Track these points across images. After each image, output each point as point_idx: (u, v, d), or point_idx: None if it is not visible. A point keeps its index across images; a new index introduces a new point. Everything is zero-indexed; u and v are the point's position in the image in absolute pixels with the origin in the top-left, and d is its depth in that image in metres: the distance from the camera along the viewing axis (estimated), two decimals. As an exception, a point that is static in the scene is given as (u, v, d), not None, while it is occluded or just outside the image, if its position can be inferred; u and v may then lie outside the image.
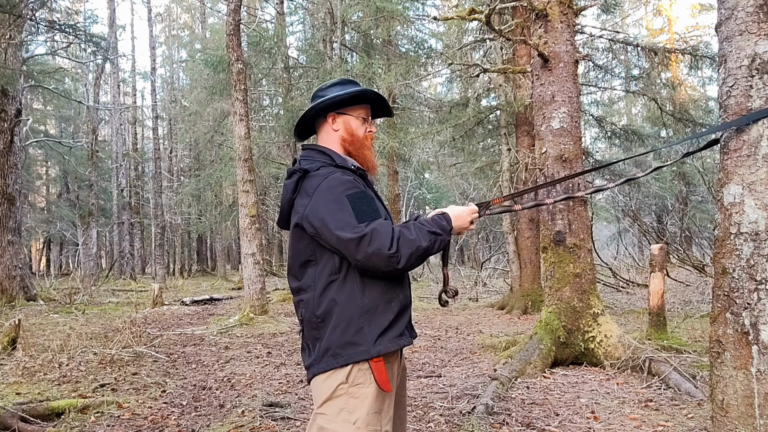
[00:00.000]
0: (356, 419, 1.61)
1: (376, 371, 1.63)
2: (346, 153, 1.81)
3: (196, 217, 25.76)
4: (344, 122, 1.81)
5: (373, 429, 1.63)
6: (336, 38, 11.70)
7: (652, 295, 5.73)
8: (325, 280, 1.67)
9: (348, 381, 1.64)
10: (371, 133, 1.86)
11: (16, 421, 3.58)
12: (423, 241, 1.62)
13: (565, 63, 5.40)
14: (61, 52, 16.05)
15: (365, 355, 1.63)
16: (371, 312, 1.65)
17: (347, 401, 1.63)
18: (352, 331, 1.64)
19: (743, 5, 2.00)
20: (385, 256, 1.56)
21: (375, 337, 1.64)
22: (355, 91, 1.79)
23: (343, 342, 1.64)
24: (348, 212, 1.60)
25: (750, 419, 1.94)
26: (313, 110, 1.81)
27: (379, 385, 1.63)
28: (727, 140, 2.03)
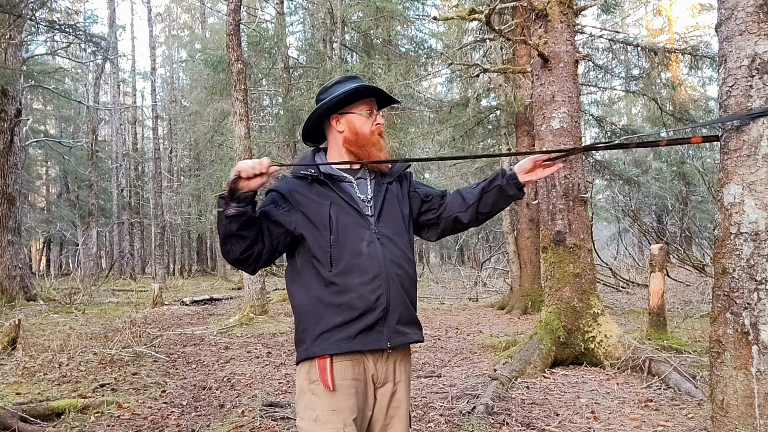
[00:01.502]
0: (316, 416, 1.62)
1: (319, 368, 1.63)
2: (348, 153, 1.79)
3: (196, 217, 25.76)
4: (347, 122, 1.78)
5: (332, 427, 1.59)
6: (336, 38, 11.70)
7: (652, 295, 5.73)
8: (288, 277, 1.75)
9: (307, 378, 1.66)
10: (379, 126, 1.82)
11: (16, 421, 3.58)
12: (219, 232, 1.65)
13: (565, 63, 5.40)
14: (61, 52, 16.06)
15: (305, 354, 1.66)
16: (316, 311, 1.65)
17: (309, 398, 1.65)
18: (300, 329, 1.69)
19: (743, 5, 2.00)
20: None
21: (315, 336, 1.64)
22: (349, 90, 1.76)
23: (296, 339, 1.72)
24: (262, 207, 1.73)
25: (750, 419, 1.94)
26: (314, 116, 1.81)
27: (321, 381, 1.62)
28: (727, 140, 2.03)
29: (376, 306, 1.64)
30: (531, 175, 1.86)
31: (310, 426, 1.62)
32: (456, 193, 1.91)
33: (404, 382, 1.76)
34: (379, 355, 1.69)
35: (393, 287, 1.68)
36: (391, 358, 1.72)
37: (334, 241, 1.66)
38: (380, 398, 1.72)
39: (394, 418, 1.74)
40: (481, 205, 1.85)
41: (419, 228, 1.91)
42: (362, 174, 1.82)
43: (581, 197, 5.42)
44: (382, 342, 1.66)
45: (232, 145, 12.67)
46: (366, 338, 1.64)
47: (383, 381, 1.71)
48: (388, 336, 1.66)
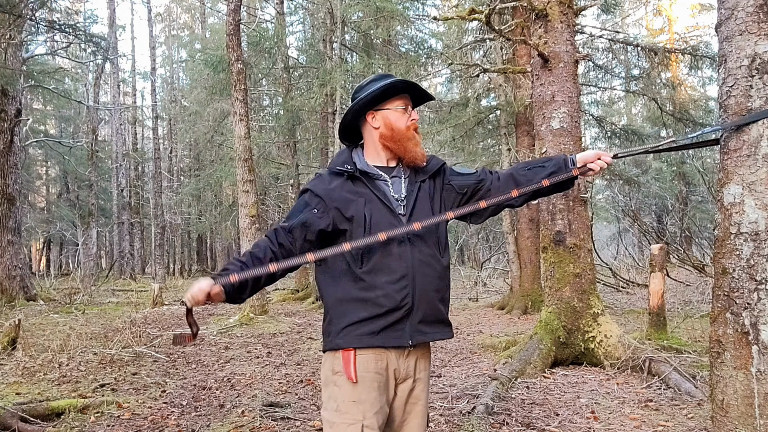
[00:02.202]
0: (337, 406, 1.66)
1: (344, 360, 1.66)
2: (385, 149, 1.81)
3: (196, 217, 25.75)
4: (383, 117, 1.80)
5: (351, 418, 1.62)
6: (336, 38, 11.69)
7: (652, 295, 5.73)
8: (319, 268, 1.78)
9: (331, 370, 1.70)
10: (414, 122, 1.84)
11: (16, 421, 3.58)
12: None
13: (565, 63, 5.40)
14: (61, 52, 16.05)
15: (330, 345, 1.70)
16: (342, 304, 1.69)
17: (332, 389, 1.69)
18: (327, 320, 1.74)
19: (743, 5, 2.00)
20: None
21: (340, 329, 1.68)
22: (385, 85, 1.78)
23: (323, 329, 1.76)
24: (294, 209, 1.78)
25: (750, 419, 1.94)
26: (351, 113, 1.82)
27: (345, 373, 1.65)
28: (727, 140, 2.03)
29: (401, 305, 1.67)
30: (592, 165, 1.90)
31: (332, 416, 1.66)
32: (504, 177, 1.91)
33: (423, 380, 1.79)
34: (401, 352, 1.72)
35: (419, 287, 1.70)
36: (412, 355, 1.75)
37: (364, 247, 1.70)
38: (400, 394, 1.75)
39: (411, 414, 1.77)
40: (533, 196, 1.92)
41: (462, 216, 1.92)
42: (397, 172, 1.83)
43: (581, 197, 5.42)
44: (404, 340, 1.69)
45: (232, 145, 12.66)
46: (389, 335, 1.68)
47: (404, 377, 1.74)
48: (410, 334, 1.69)
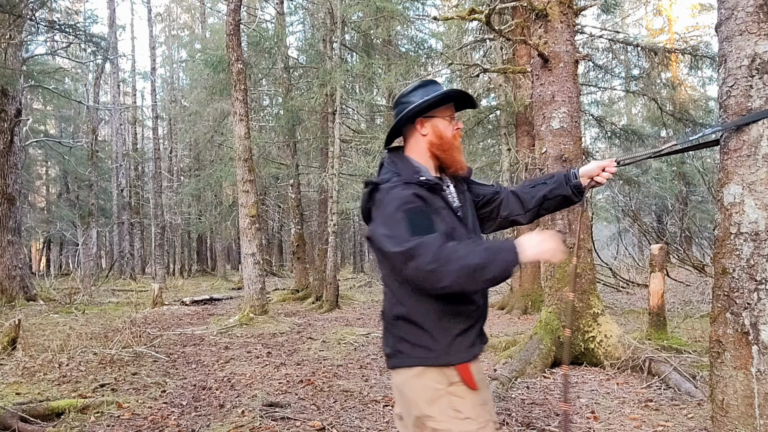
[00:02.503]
0: (466, 416, 1.64)
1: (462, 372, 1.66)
2: (433, 157, 1.81)
3: (196, 217, 25.74)
4: (432, 126, 1.81)
5: (484, 420, 1.65)
6: (336, 38, 11.69)
7: (652, 295, 5.73)
8: (395, 284, 1.70)
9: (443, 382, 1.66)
10: (459, 130, 1.86)
11: (16, 421, 3.58)
12: (473, 258, 1.51)
13: (565, 63, 5.40)
14: (61, 52, 16.04)
15: (436, 362, 1.65)
16: (441, 319, 1.65)
17: (451, 400, 1.64)
18: (425, 337, 1.66)
19: (743, 5, 2.00)
20: (425, 272, 1.51)
21: (447, 344, 1.65)
22: (441, 94, 1.79)
23: (414, 344, 1.67)
24: (402, 227, 1.58)
25: (750, 419, 1.94)
26: (404, 120, 1.82)
27: (466, 383, 1.66)
28: (727, 140, 2.03)
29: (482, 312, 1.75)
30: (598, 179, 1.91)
31: (463, 425, 1.63)
32: (511, 194, 1.95)
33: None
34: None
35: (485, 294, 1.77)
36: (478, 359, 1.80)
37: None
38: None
39: None
40: (541, 210, 1.93)
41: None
42: (446, 181, 1.85)
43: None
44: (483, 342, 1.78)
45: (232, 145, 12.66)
46: (480, 342, 1.75)
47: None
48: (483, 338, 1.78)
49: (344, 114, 13.71)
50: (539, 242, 1.58)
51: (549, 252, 1.58)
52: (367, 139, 12.06)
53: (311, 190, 17.11)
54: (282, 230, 26.08)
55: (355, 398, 4.39)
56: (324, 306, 10.82)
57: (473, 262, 1.50)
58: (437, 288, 1.53)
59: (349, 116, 15.72)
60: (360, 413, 4.00)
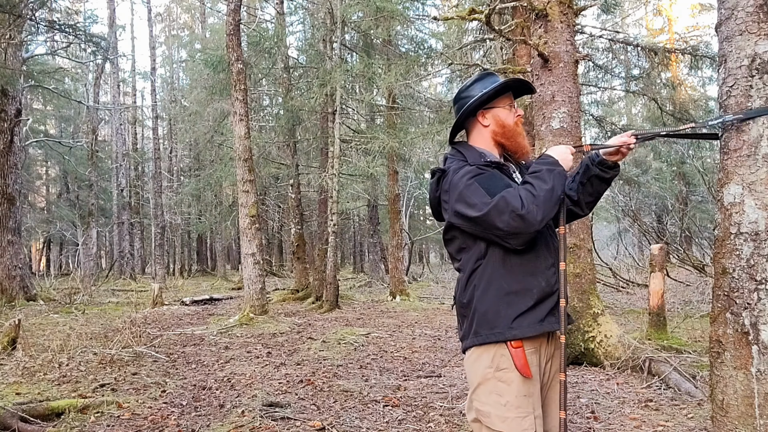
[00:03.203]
0: (506, 401, 1.70)
1: (515, 357, 1.70)
2: (497, 145, 1.90)
3: (196, 217, 25.75)
4: (494, 116, 1.89)
5: (524, 411, 1.69)
6: (336, 38, 11.68)
7: (652, 295, 5.73)
8: (472, 265, 1.79)
9: (493, 366, 1.73)
10: (520, 117, 1.92)
11: (16, 421, 3.58)
12: (544, 185, 1.69)
13: (565, 63, 5.40)
14: (61, 52, 16.04)
15: (500, 337, 1.71)
16: (510, 296, 1.73)
17: (496, 385, 1.72)
18: (491, 313, 1.74)
19: (743, 5, 2.00)
20: (521, 216, 1.63)
21: (511, 320, 1.71)
22: (499, 85, 1.87)
23: (483, 322, 1.75)
24: (480, 193, 1.70)
25: (750, 419, 1.94)
26: (465, 114, 1.90)
27: (519, 370, 1.69)
28: (727, 140, 2.03)
29: (554, 290, 1.79)
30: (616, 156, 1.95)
31: (501, 410, 1.70)
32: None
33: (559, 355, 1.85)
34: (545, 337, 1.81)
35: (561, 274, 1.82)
36: (552, 342, 1.84)
37: None
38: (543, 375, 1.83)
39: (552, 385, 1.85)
40: (585, 197, 1.96)
41: None
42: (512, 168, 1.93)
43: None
44: (558, 324, 1.78)
45: (232, 145, 12.66)
46: (550, 321, 1.76)
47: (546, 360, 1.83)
48: (559, 317, 1.79)
49: (344, 114, 13.71)
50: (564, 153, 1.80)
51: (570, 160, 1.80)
52: (367, 139, 12.05)
53: (311, 190, 17.11)
54: (282, 230, 26.07)
55: (355, 398, 4.39)
56: (324, 306, 10.82)
57: (548, 188, 1.68)
58: (535, 224, 1.65)
59: (349, 116, 15.71)
60: (360, 413, 4.00)
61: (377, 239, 19.19)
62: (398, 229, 13.94)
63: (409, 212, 23.88)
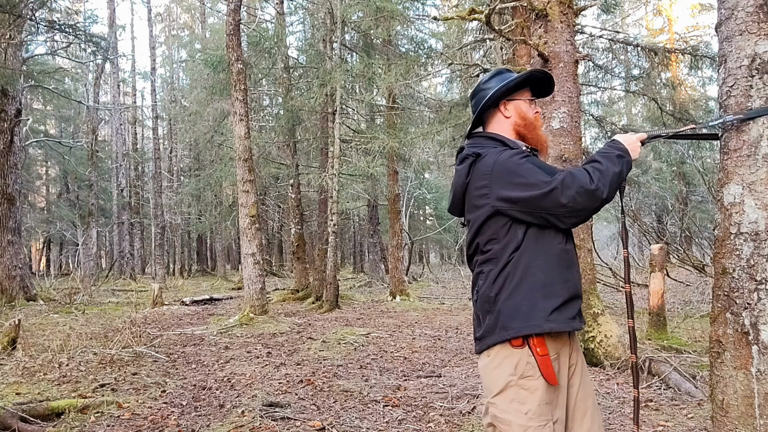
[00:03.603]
0: (528, 410, 1.66)
1: (542, 364, 1.66)
2: (518, 137, 1.87)
3: (196, 217, 25.74)
4: (515, 107, 1.88)
5: (545, 419, 1.66)
6: (336, 38, 11.68)
7: (652, 295, 5.73)
8: (506, 257, 1.72)
9: (517, 373, 1.68)
10: (538, 113, 1.93)
11: (16, 421, 3.58)
12: (614, 167, 1.69)
13: (565, 63, 5.40)
14: (61, 52, 16.04)
15: (536, 329, 1.66)
16: (547, 288, 1.69)
17: (518, 392, 1.67)
18: (526, 306, 1.68)
19: (743, 5, 2.00)
20: (590, 191, 1.63)
21: (548, 312, 1.67)
22: (524, 74, 1.87)
23: (516, 315, 1.68)
24: (537, 172, 1.68)
25: (750, 419, 1.94)
26: (489, 102, 1.87)
27: (545, 378, 1.66)
28: (727, 140, 2.03)
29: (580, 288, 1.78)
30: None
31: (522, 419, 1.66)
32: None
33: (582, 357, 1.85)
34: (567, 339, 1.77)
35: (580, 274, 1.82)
36: (573, 338, 1.82)
37: None
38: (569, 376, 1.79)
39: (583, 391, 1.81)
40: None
41: None
42: None
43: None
44: (582, 324, 1.77)
45: (232, 145, 12.65)
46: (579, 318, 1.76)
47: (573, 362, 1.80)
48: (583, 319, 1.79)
49: (344, 114, 13.71)
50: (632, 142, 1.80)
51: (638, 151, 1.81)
52: (367, 139, 12.05)
53: (311, 190, 17.11)
54: (282, 230, 26.07)
55: (355, 398, 4.39)
56: (324, 306, 10.82)
57: (616, 170, 1.69)
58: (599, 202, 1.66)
59: (349, 116, 15.71)
60: (360, 413, 4.00)
61: (377, 239, 19.19)
62: (398, 229, 13.94)
63: (409, 212, 23.88)
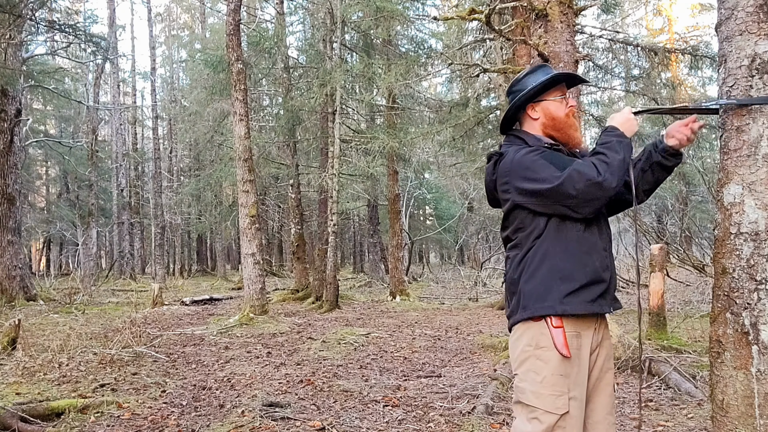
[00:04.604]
0: (542, 378, 1.73)
1: (555, 336, 1.73)
2: (548, 137, 1.92)
3: (196, 217, 25.74)
4: (543, 109, 1.92)
5: (559, 390, 1.71)
6: (336, 38, 11.68)
7: (652, 295, 5.73)
8: (529, 243, 1.82)
9: (533, 344, 1.76)
10: (572, 108, 1.94)
11: (16, 421, 3.58)
12: (617, 155, 1.74)
13: (565, 63, 5.40)
14: (61, 52, 16.04)
15: (550, 311, 1.74)
16: (563, 273, 1.76)
17: (534, 363, 1.75)
18: (543, 288, 1.77)
19: (743, 5, 2.00)
20: (597, 183, 1.69)
21: (563, 295, 1.74)
22: (546, 80, 1.89)
23: (533, 296, 1.77)
24: (548, 166, 1.75)
25: (750, 419, 1.94)
26: (513, 108, 1.95)
27: (557, 348, 1.71)
28: (727, 140, 2.03)
29: (607, 272, 1.81)
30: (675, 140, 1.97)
31: (536, 387, 1.73)
32: None
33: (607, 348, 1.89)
34: (594, 322, 1.82)
35: (611, 258, 1.86)
36: (601, 325, 1.85)
37: None
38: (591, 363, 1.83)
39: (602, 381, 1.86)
40: (644, 184, 1.98)
41: None
42: None
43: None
44: (607, 307, 1.81)
45: (232, 145, 12.66)
46: (601, 303, 1.79)
47: (595, 347, 1.83)
48: (610, 302, 1.82)
49: (344, 114, 13.71)
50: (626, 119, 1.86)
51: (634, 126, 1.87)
52: (367, 139, 12.05)
53: (311, 190, 17.11)
54: (282, 230, 26.07)
55: (355, 398, 4.39)
56: (324, 306, 10.82)
57: (620, 158, 1.75)
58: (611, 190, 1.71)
59: (349, 116, 15.71)
60: (360, 413, 4.00)
61: (377, 239, 19.19)
62: (398, 229, 13.94)
63: (409, 212, 23.89)
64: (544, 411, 1.71)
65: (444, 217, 26.77)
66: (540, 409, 1.71)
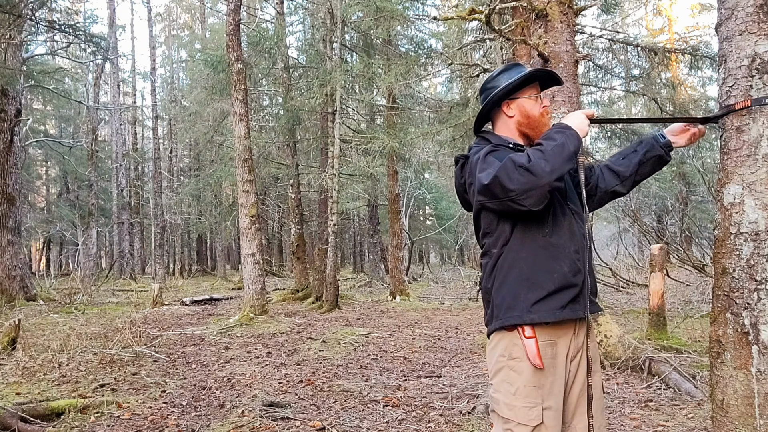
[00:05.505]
0: (515, 390, 1.72)
1: (527, 347, 1.71)
2: (522, 135, 1.90)
3: (196, 217, 25.74)
4: (518, 106, 1.89)
5: (532, 401, 1.70)
6: (336, 38, 11.68)
7: (652, 295, 5.73)
8: (498, 250, 1.80)
9: (506, 354, 1.75)
10: (546, 108, 1.92)
11: (16, 421, 3.58)
12: (553, 141, 1.68)
13: (565, 63, 5.40)
14: (61, 52, 16.05)
15: (518, 320, 1.72)
16: (530, 281, 1.73)
17: (507, 373, 1.75)
18: (510, 298, 1.75)
19: (743, 5, 2.00)
20: (527, 169, 1.62)
21: (530, 303, 1.72)
22: (524, 76, 1.87)
23: (504, 305, 1.76)
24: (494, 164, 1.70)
25: (750, 419, 1.93)
26: (489, 104, 1.91)
27: (529, 359, 1.70)
28: (727, 140, 2.03)
29: (579, 276, 1.77)
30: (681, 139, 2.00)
31: (509, 399, 1.73)
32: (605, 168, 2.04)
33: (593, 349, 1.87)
34: (572, 327, 1.79)
35: (585, 259, 1.81)
36: (581, 329, 1.83)
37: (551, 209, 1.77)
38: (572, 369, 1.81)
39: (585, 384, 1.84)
40: (637, 175, 2.00)
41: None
42: None
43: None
44: (581, 311, 1.77)
45: (232, 145, 12.65)
46: (573, 308, 1.76)
47: (574, 353, 1.81)
48: (584, 305, 1.79)
49: (344, 114, 13.71)
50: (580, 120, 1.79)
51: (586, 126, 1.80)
52: (367, 139, 12.05)
53: (311, 190, 17.11)
54: (282, 230, 26.07)
55: (355, 398, 4.39)
56: (324, 306, 10.82)
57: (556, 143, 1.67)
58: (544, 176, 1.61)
59: (349, 116, 15.71)
60: (360, 413, 4.00)
61: (377, 239, 19.19)
62: (398, 229, 13.94)
63: (409, 212, 23.89)
64: (518, 423, 1.70)
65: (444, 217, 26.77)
66: (513, 421, 1.71)
